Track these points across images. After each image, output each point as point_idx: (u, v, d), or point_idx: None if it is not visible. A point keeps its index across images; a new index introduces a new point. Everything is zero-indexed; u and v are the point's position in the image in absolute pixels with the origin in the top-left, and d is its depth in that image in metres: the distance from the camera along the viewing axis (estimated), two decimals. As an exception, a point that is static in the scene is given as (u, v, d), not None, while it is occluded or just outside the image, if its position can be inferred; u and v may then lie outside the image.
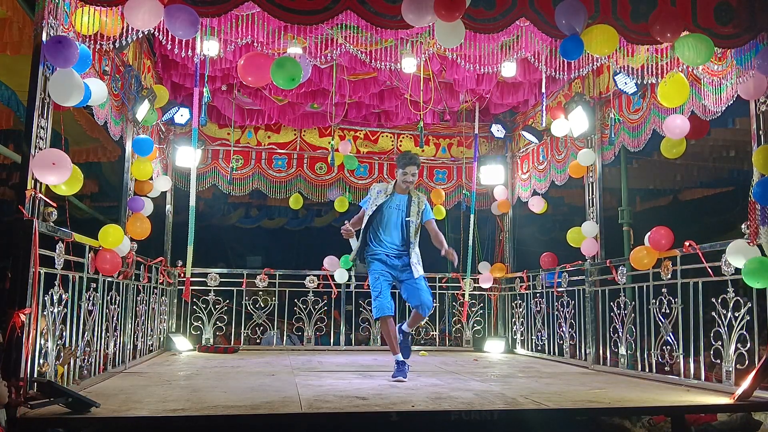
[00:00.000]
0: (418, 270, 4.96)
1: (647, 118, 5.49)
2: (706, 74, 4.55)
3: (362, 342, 8.19)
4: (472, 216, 7.51)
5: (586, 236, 6.20)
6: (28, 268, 3.31)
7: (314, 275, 7.71)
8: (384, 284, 4.94)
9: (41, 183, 3.55)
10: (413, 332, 5.70)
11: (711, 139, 8.63)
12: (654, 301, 5.03)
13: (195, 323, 7.47)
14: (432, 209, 5.29)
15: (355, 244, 5.23)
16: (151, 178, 6.05)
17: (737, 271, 4.12)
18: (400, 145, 8.29)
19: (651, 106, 5.44)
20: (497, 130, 7.79)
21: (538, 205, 7.44)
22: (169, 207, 7.48)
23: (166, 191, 6.90)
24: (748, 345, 4.16)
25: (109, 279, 4.73)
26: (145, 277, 5.85)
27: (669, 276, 4.89)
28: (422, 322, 6.16)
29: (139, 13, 3.79)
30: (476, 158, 7.81)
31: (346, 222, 5.16)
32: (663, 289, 4.93)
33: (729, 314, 4.22)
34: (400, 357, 4.84)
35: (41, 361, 3.57)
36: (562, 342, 6.61)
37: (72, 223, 4.37)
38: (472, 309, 8.02)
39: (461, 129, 8.09)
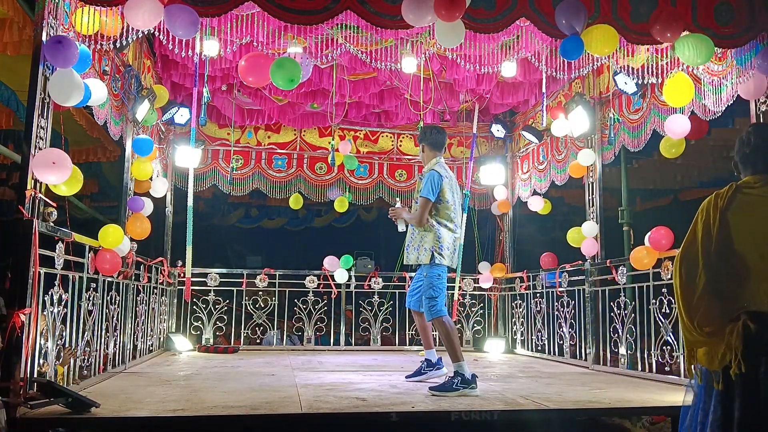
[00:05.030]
0: (408, 256, 4.52)
1: (647, 118, 5.49)
2: (707, 74, 4.55)
3: (362, 342, 8.21)
4: (465, 215, 7.51)
5: (586, 236, 6.19)
6: (28, 268, 3.31)
7: (314, 275, 7.71)
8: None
9: (41, 183, 3.55)
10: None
11: (711, 139, 8.62)
12: (654, 301, 5.02)
13: (195, 323, 7.47)
14: (426, 187, 4.43)
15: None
16: (151, 178, 6.05)
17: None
18: (400, 145, 8.29)
19: (651, 106, 5.44)
20: (497, 130, 7.79)
21: (538, 205, 7.44)
22: (169, 207, 7.48)
23: (165, 191, 6.90)
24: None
25: (109, 279, 4.73)
26: (145, 277, 5.85)
27: (669, 276, 4.87)
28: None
29: (139, 13, 3.79)
30: (472, 158, 7.80)
31: None
32: (663, 289, 4.92)
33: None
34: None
35: (41, 361, 3.57)
36: (562, 342, 6.61)
37: (72, 223, 4.37)
38: (472, 309, 8.02)
39: (461, 129, 8.09)
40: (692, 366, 2.61)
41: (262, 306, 7.70)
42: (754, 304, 2.45)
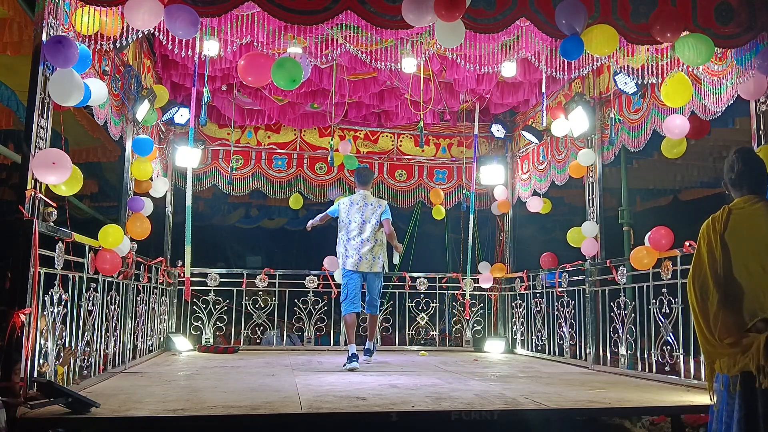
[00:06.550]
0: None
1: (647, 118, 5.49)
2: (707, 74, 4.55)
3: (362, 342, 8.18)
4: (471, 216, 7.52)
5: (586, 236, 6.20)
6: (28, 268, 3.31)
7: (314, 275, 7.71)
8: None
9: (41, 183, 3.55)
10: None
11: (711, 139, 8.60)
12: (654, 301, 5.02)
13: (195, 323, 7.47)
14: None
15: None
16: (151, 178, 6.05)
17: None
18: (400, 145, 8.29)
19: (651, 106, 5.44)
20: (497, 130, 7.79)
21: (536, 205, 7.44)
22: (169, 207, 7.48)
23: (165, 191, 6.89)
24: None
25: (109, 279, 4.73)
26: (145, 277, 5.85)
27: (669, 276, 4.89)
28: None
29: (139, 13, 3.79)
30: (476, 158, 7.80)
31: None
32: (663, 289, 4.92)
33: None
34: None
35: (41, 361, 3.57)
36: (562, 342, 6.61)
37: (72, 223, 4.38)
38: (473, 309, 8.02)
39: (461, 129, 8.09)
40: (714, 375, 2.90)
41: (262, 306, 7.70)
42: (763, 311, 2.73)
